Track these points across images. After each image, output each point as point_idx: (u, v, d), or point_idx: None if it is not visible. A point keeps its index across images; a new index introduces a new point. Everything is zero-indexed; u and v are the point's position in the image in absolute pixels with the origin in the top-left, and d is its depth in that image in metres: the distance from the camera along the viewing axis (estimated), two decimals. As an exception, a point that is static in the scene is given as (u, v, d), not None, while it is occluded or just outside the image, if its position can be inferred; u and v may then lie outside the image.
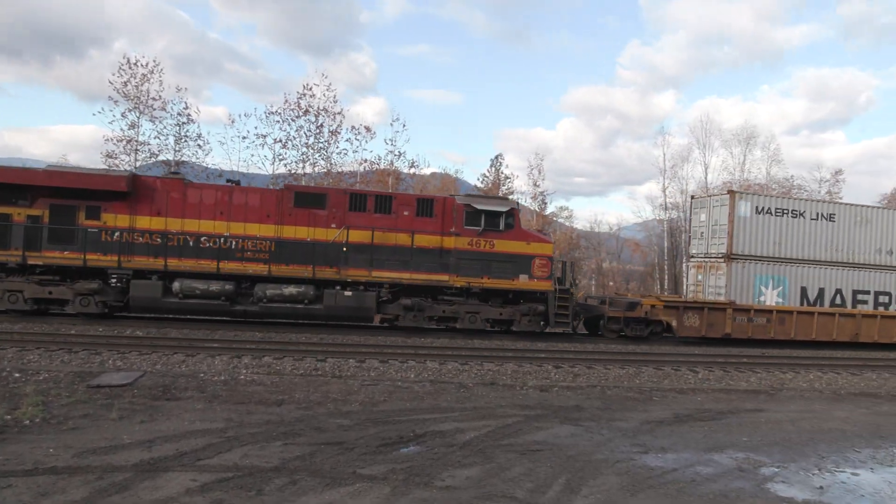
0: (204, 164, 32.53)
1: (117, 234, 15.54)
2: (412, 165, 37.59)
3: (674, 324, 18.55)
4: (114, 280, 15.65)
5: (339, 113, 34.16)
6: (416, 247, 16.54)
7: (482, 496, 5.45)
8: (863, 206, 23.89)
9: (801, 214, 21.89)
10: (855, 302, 22.21)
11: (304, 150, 33.75)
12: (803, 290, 21.82)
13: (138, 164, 31.20)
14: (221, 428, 7.16)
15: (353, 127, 35.33)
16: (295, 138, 33.47)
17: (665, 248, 45.28)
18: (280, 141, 33.23)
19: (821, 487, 6.25)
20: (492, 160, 50.91)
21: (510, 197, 33.44)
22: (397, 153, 35.97)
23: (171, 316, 17.01)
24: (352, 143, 35.00)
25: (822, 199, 35.19)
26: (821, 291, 21.96)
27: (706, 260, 22.19)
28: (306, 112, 33.36)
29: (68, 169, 16.67)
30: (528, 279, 17.06)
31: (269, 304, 15.96)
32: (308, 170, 34.00)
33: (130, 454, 6.05)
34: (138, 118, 30.97)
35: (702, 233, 22.55)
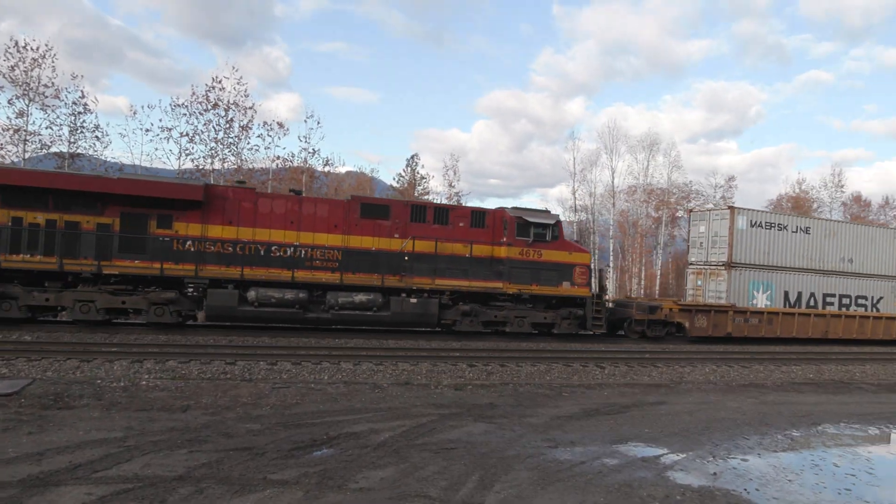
0: (102, 158, 30.62)
1: (189, 243, 15.48)
2: (327, 163, 37.00)
3: (686, 325, 20.43)
4: (190, 289, 15.59)
5: (250, 108, 33.16)
6: (473, 256, 17.58)
7: (397, 496, 5.44)
8: (832, 220, 27.83)
9: (784, 228, 24.47)
10: (825, 304, 25.00)
11: (213, 145, 32.50)
12: (786, 294, 24.42)
13: (27, 155, 28.98)
14: (120, 437, 6.77)
15: (265, 123, 34.35)
16: (203, 132, 32.19)
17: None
18: (187, 135, 31.86)
19: (715, 474, 6.66)
20: (408, 160, 51.12)
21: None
22: (311, 150, 35.33)
23: (50, 321, 16.26)
24: (264, 140, 34.03)
25: (800, 214, 38.81)
26: (799, 295, 24.65)
27: (706, 267, 24.35)
28: (215, 106, 32.14)
29: (141, 177, 16.58)
30: (570, 286, 18.45)
31: (340, 311, 16.45)
32: (217, 165, 32.75)
33: (17, 469, 5.61)
34: (28, 106, 28.76)
35: (701, 242, 24.70)
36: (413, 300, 17.03)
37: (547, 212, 19.31)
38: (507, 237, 17.88)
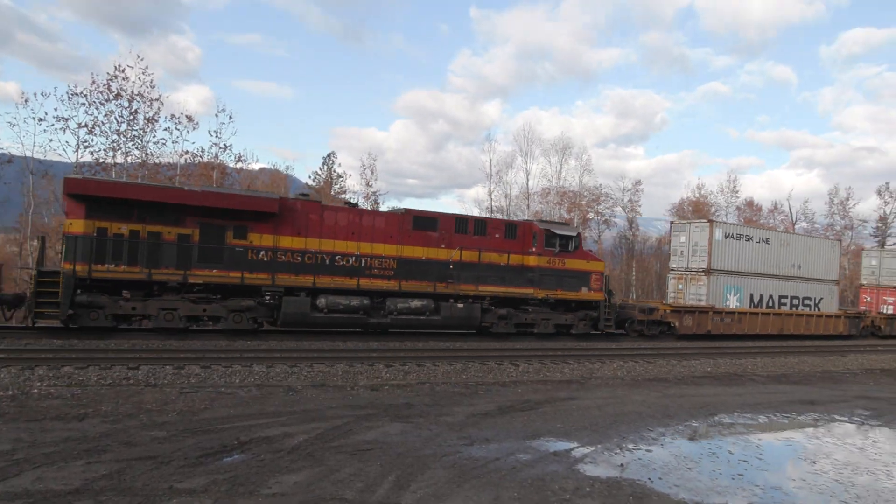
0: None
1: (263, 253, 16.02)
2: (239, 160, 35.71)
3: (676, 324, 23.01)
4: (268, 297, 16.02)
5: (156, 99, 31.46)
6: (509, 265, 19.20)
7: (311, 500, 5.35)
8: (786, 232, 32.36)
9: (750, 239, 27.60)
10: (780, 304, 28.26)
11: (115, 137, 30.65)
12: (751, 297, 27.40)
13: None
14: (8, 450, 6.28)
15: (173, 115, 32.66)
16: (104, 124, 30.23)
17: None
18: (85, 126, 29.83)
19: (622, 465, 6.96)
20: (324, 158, 50.19)
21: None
22: (223, 146, 33.98)
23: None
24: (171, 133, 32.39)
25: (762, 226, 42.88)
26: (761, 297, 27.71)
27: (687, 273, 27.01)
28: (118, 96, 30.29)
29: (219, 190, 17.22)
30: (588, 291, 20.54)
31: (398, 316, 17.45)
32: (119, 159, 30.94)
33: None
34: None
35: (682, 251, 27.48)
36: (459, 305, 18.35)
37: (569, 224, 20.87)
38: (536, 247, 19.59)
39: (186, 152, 32.96)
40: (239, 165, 36.20)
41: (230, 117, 33.61)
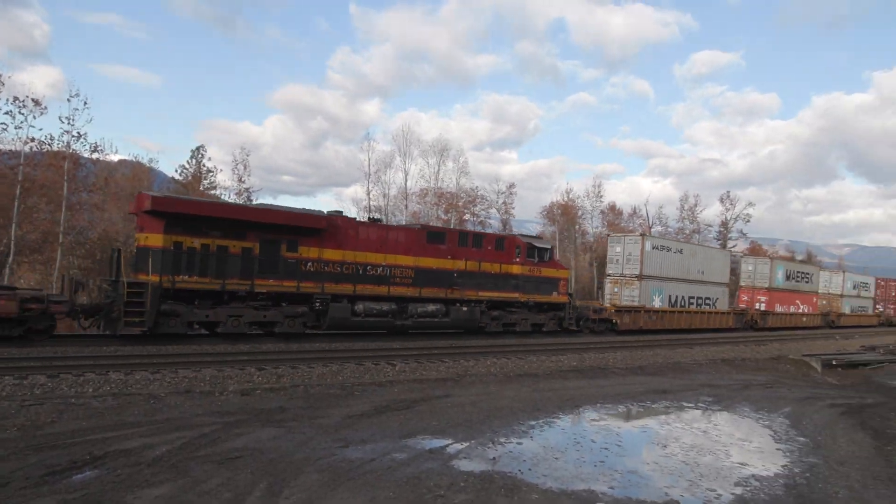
0: None
1: (310, 264, 17.89)
2: (95, 150, 32.76)
3: (618, 321, 27.26)
4: (318, 304, 17.90)
5: (-6, 78, 28.24)
6: (500, 273, 22.48)
7: (174, 515, 5.03)
8: (693, 244, 40.02)
9: (669, 249, 32.65)
10: (689, 303, 33.46)
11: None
12: (671, 298, 32.33)
13: None
14: None
15: (15, 98, 29.41)
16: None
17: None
18: None
19: (494, 459, 7.18)
20: (193, 151, 47.34)
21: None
22: (76, 134, 31.04)
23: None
24: (14, 118, 29.15)
25: (678, 240, 49.08)
26: (678, 298, 32.77)
27: (622, 278, 31.15)
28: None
29: (276, 208, 18.20)
30: (557, 295, 24.41)
31: (418, 318, 19.93)
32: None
33: None
34: None
35: (617, 260, 31.75)
36: (464, 308, 21.23)
37: (543, 238, 25.28)
38: (519, 258, 23.08)
39: (32, 139, 29.79)
40: (95, 156, 33.26)
41: (85, 103, 30.67)
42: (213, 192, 44.36)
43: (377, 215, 22.27)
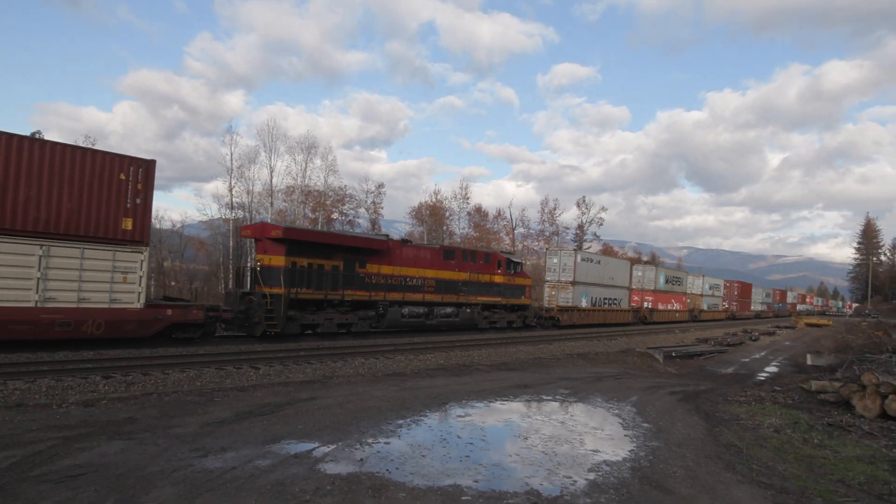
0: None
1: (374, 277, 23.13)
2: None
3: (560, 318, 34.87)
4: (381, 309, 23.47)
5: None
6: (489, 282, 29.16)
7: (1, 543, 4.50)
8: (608, 256, 50.33)
9: (591, 261, 40.30)
10: (604, 303, 40.93)
11: None
12: (592, 299, 39.27)
13: None
14: None
15: None
16: None
17: (231, 248, 45.16)
18: None
19: (361, 460, 7.13)
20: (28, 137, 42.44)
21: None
22: None
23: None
24: None
25: (597, 252, 58.98)
26: (597, 299, 39.87)
27: (559, 283, 37.48)
28: None
29: (354, 234, 26.78)
30: (524, 298, 32.08)
31: (440, 319, 26.11)
32: None
33: None
34: None
35: (554, 269, 38.22)
36: (468, 310, 27.86)
37: (516, 253, 34.33)
38: (500, 270, 30.07)
39: None
40: None
41: None
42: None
43: (407, 237, 29.14)
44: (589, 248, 71.76)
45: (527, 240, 69.96)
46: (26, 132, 15.56)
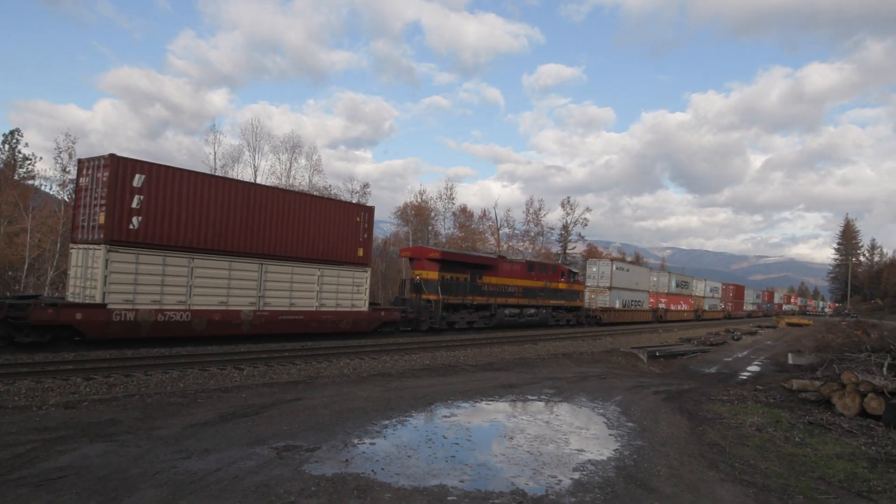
0: None
1: (487, 286, 30.14)
2: None
3: (603, 317, 41.34)
4: (493, 310, 30.43)
5: None
6: (557, 288, 35.71)
7: (-21, 548, 4.42)
8: (634, 265, 57.44)
9: (623, 269, 47.51)
10: (631, 305, 47.15)
11: None
12: (623, 301, 45.56)
13: None
14: None
15: None
16: None
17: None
18: None
19: (346, 461, 7.11)
20: (6, 136, 41.93)
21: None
22: None
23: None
24: None
25: (626, 261, 67.21)
26: (626, 301, 45.99)
27: (597, 288, 44.35)
28: None
29: (479, 254, 33.66)
30: (578, 301, 39.13)
31: (527, 318, 33.01)
32: None
33: None
34: None
35: (593, 276, 45.00)
36: (543, 311, 34.52)
37: (574, 265, 44.45)
38: (563, 279, 36.52)
39: None
40: None
41: None
42: (31, 181, 39.69)
43: (502, 253, 38.06)
44: (574, 248, 72.10)
45: (511, 240, 70.13)
46: (4, 130, 15.37)
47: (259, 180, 48.58)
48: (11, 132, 42.74)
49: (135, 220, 16.12)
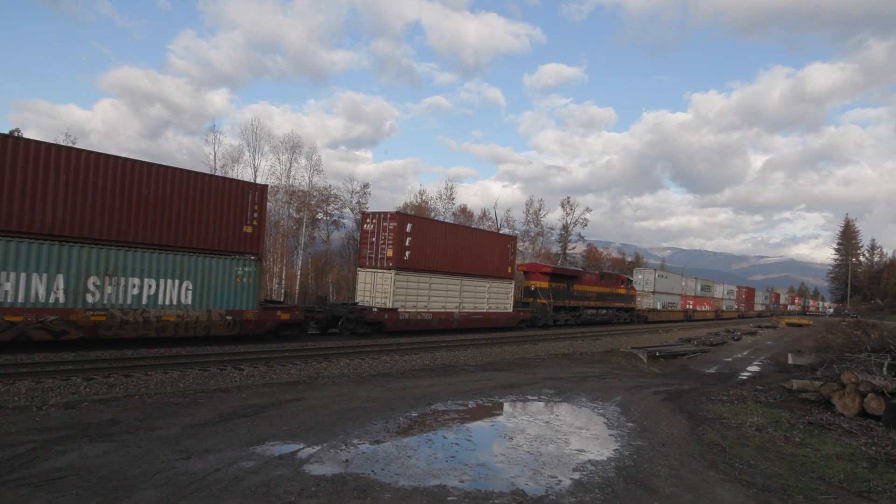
0: None
1: (577, 292, 38.64)
2: None
3: (649, 316, 49.24)
4: (580, 311, 39.10)
5: None
6: (621, 293, 44.18)
7: (-21, 548, 4.42)
8: (670, 273, 62.68)
9: (663, 276, 55.42)
10: (668, 306, 55.42)
11: None
12: (662, 303, 54.54)
13: None
14: None
15: None
16: None
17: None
18: None
19: (346, 461, 7.10)
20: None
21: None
22: None
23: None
24: None
25: (665, 271, 70.28)
26: (664, 303, 55.32)
27: (642, 292, 51.77)
28: None
29: (572, 268, 45.31)
30: (633, 303, 46.93)
31: (601, 317, 41.47)
32: None
33: None
34: None
35: (639, 282, 52.93)
36: (611, 311, 42.68)
37: (630, 274, 52.77)
38: (623, 285, 44.58)
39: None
40: None
41: None
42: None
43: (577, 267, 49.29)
44: (573, 248, 72.11)
45: (512, 240, 70.02)
46: (4, 130, 15.40)
47: (259, 180, 48.57)
48: (11, 132, 42.67)
49: (407, 253, 24.36)
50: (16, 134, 46.00)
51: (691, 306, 61.01)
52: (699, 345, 31.94)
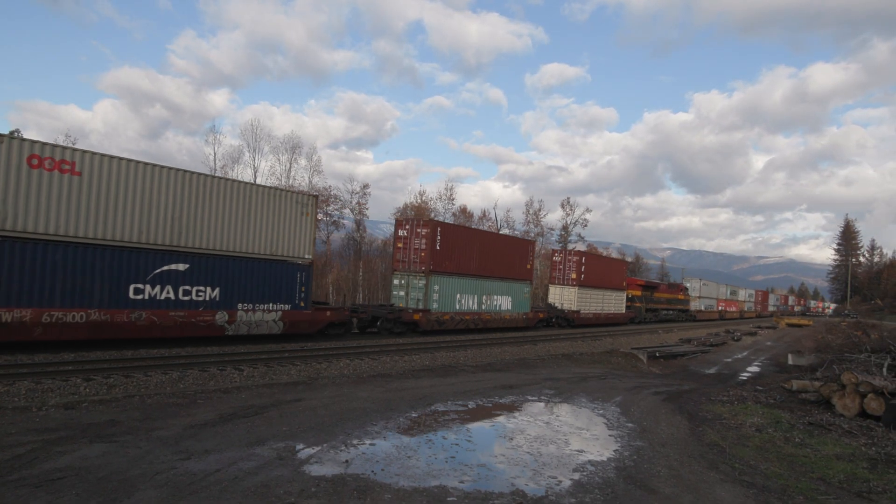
0: None
1: (655, 298, 51.68)
2: None
3: (697, 316, 62.45)
4: (658, 312, 52.16)
5: None
6: (678, 298, 56.81)
7: (-21, 549, 4.42)
8: (709, 282, 72.95)
9: (705, 283, 68.73)
10: (708, 308, 67.86)
11: None
12: (706, 305, 67.30)
13: None
14: None
15: None
16: None
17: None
18: None
19: (346, 461, 7.10)
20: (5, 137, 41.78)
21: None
22: None
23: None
24: None
25: (707, 280, 77.88)
26: (707, 305, 68.79)
27: (691, 297, 62.93)
28: None
29: (653, 280, 67.32)
30: (688, 306, 59.75)
31: (669, 317, 54.40)
32: None
33: None
34: None
35: (690, 288, 62.60)
36: (674, 312, 55.11)
37: (685, 284, 64.28)
38: (681, 293, 57.62)
39: None
40: None
41: None
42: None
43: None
44: (574, 248, 72.08)
45: (512, 241, 70.03)
46: (4, 130, 15.38)
47: (259, 181, 48.59)
48: (11, 132, 42.68)
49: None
50: (15, 134, 45.93)
51: (723, 307, 73.43)
52: (699, 345, 31.94)
